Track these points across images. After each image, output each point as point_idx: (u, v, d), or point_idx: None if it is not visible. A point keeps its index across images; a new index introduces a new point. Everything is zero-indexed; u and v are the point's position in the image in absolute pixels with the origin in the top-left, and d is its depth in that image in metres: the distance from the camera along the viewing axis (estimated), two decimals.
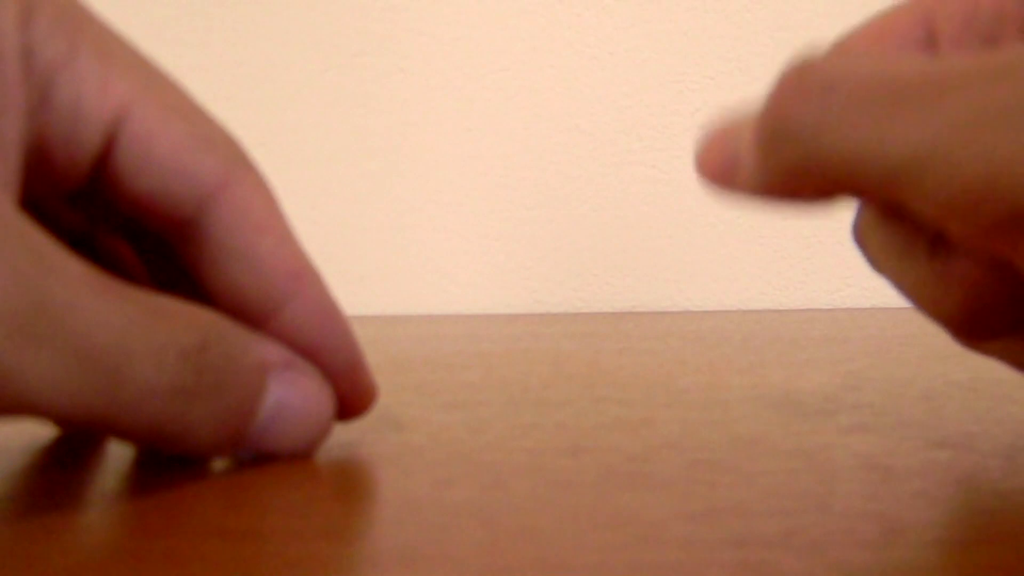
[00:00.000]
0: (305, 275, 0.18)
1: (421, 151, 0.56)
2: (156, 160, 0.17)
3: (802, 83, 0.15)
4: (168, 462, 0.18)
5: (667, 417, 0.22)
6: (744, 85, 0.53)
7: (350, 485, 0.17)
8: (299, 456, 0.18)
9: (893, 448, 0.19)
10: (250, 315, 0.18)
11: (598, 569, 0.12)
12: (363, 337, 0.20)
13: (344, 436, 0.20)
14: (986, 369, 0.27)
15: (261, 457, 0.18)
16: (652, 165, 0.55)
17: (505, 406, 0.24)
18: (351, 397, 0.19)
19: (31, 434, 0.21)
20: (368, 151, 0.57)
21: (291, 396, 0.18)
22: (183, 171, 0.17)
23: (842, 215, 0.25)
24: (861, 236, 0.20)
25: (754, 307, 0.54)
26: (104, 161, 0.17)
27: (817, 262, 0.54)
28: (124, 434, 0.16)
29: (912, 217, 0.16)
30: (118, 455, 0.19)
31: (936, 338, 0.35)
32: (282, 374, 0.18)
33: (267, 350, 0.18)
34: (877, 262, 0.19)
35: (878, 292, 0.53)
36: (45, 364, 0.14)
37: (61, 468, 0.18)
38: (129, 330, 0.15)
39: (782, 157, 0.15)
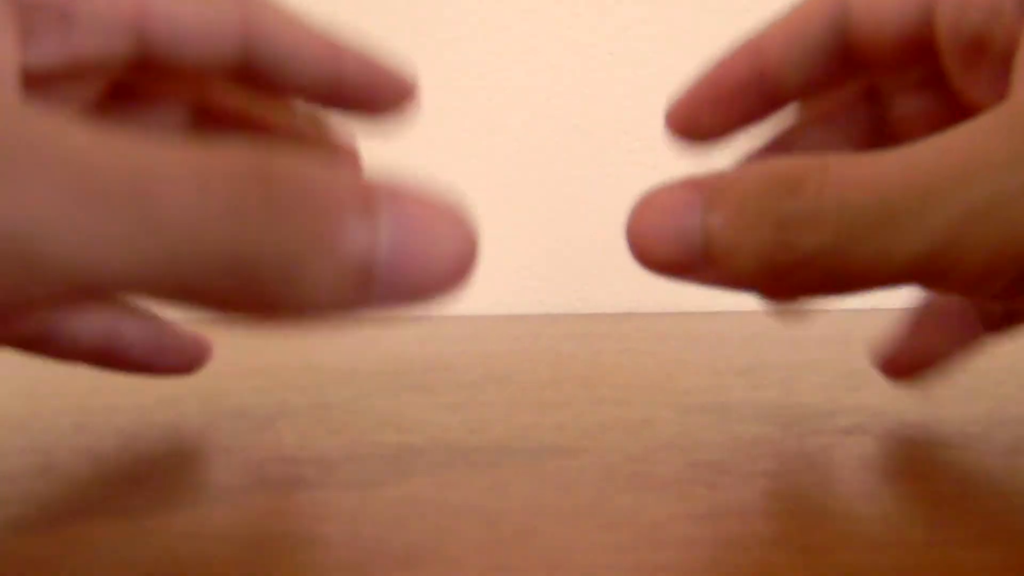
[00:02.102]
0: (337, 43, 0.20)
1: (420, 151, 0.56)
2: (187, 32, 0.18)
3: (807, 208, 0.16)
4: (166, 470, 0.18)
5: (667, 418, 0.22)
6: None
7: (350, 486, 0.17)
8: (445, 295, 0.15)
9: (893, 449, 0.19)
10: (326, 95, 0.20)
11: (598, 569, 0.12)
12: (363, 338, 0.20)
13: (344, 437, 0.20)
14: (986, 370, 0.27)
15: (403, 303, 0.14)
16: (652, 165, 0.55)
17: (505, 407, 0.24)
18: (405, 84, 0.21)
19: (30, 435, 0.21)
20: (367, 151, 0.57)
21: (415, 219, 0.14)
22: (211, 27, 0.19)
23: None
24: None
25: (754, 307, 0.54)
26: (143, 57, 0.18)
27: None
28: (206, 289, 0.13)
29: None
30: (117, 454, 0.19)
31: None
32: (397, 196, 0.14)
33: (365, 179, 0.14)
34: None
35: (878, 292, 0.53)
36: (34, 200, 0.12)
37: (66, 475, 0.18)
38: (147, 158, 0.13)
39: (798, 267, 0.16)
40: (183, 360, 0.23)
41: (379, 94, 0.21)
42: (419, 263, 0.14)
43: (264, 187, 0.13)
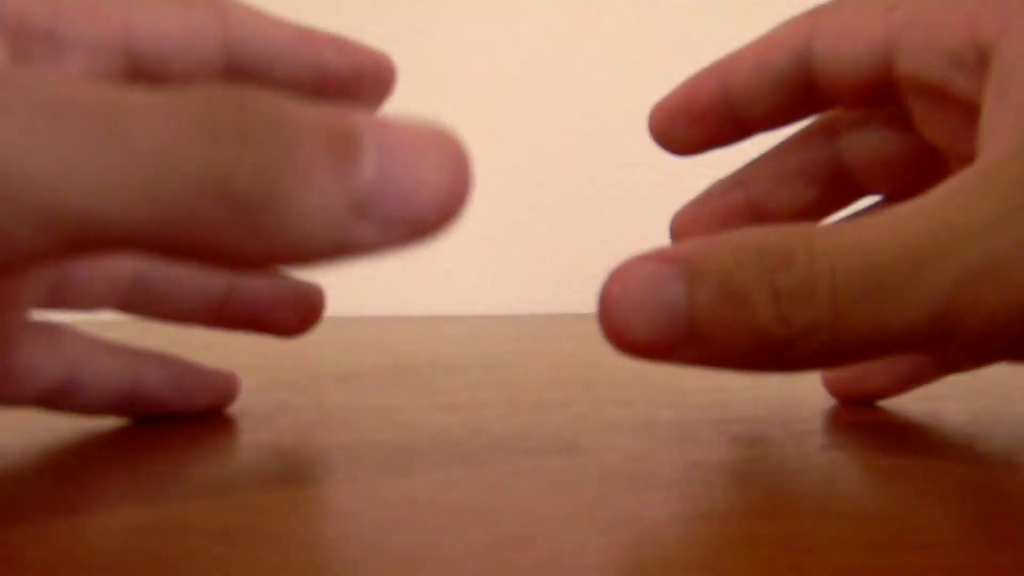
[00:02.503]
0: (308, 31, 0.20)
1: None
2: (171, 44, 0.18)
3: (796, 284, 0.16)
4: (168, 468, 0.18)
5: (667, 417, 0.22)
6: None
7: (350, 486, 0.17)
8: (446, 218, 0.14)
9: (892, 449, 0.19)
10: (311, 91, 0.20)
11: (598, 569, 0.12)
12: (364, 338, 0.20)
13: (344, 437, 0.20)
14: (986, 370, 0.27)
15: (403, 231, 0.14)
16: (652, 165, 0.55)
17: (505, 407, 0.24)
18: (384, 65, 0.21)
19: (31, 436, 0.21)
20: None
21: (400, 144, 0.13)
22: (194, 36, 0.19)
23: (840, 216, 0.25)
24: None
25: None
26: (132, 72, 0.18)
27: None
28: (189, 221, 0.12)
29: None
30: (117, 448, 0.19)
31: None
32: (380, 125, 0.13)
33: (347, 111, 0.14)
34: None
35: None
36: (11, 125, 0.12)
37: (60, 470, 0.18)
38: (114, 91, 0.12)
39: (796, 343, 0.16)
40: (211, 398, 0.23)
41: (361, 78, 0.21)
42: (409, 190, 0.13)
43: (238, 113, 0.13)
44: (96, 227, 0.12)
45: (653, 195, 0.55)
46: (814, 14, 0.21)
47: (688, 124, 0.22)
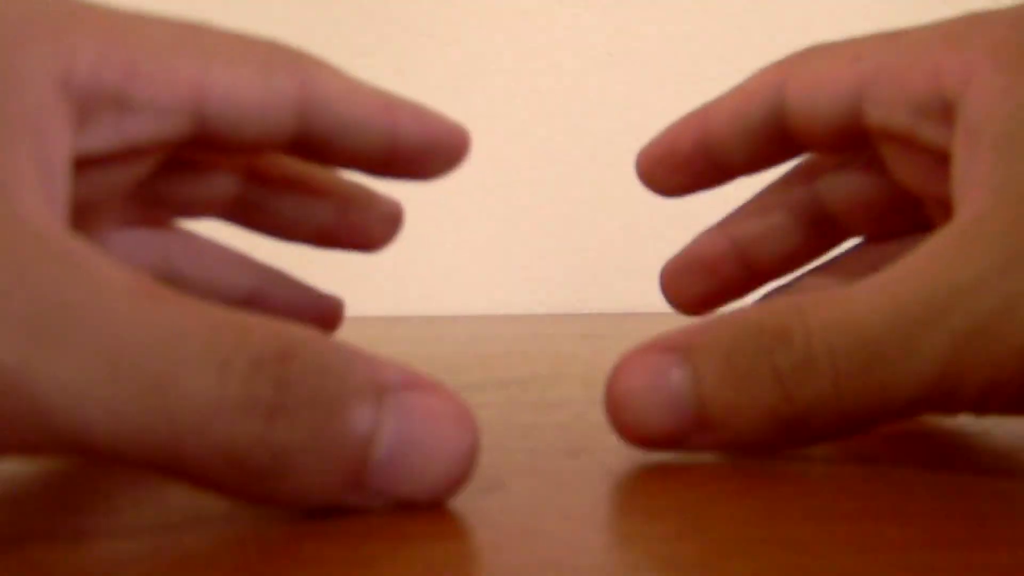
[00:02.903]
0: (392, 102, 0.20)
1: None
2: (246, 108, 0.18)
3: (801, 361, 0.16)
4: None
5: None
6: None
7: None
8: (437, 500, 0.15)
9: (892, 449, 0.19)
10: (382, 161, 0.20)
11: (598, 569, 0.12)
12: (364, 338, 0.20)
13: None
14: None
15: (392, 504, 0.14)
16: None
17: (505, 407, 0.24)
18: (460, 141, 0.21)
19: None
20: None
21: (417, 422, 0.14)
22: (269, 101, 0.18)
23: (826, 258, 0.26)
24: None
25: None
26: (201, 136, 0.18)
27: (816, 262, 0.54)
28: (200, 472, 0.13)
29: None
30: None
31: None
32: (403, 395, 0.14)
33: (380, 368, 0.14)
34: None
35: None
36: (63, 368, 0.12)
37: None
38: (179, 336, 0.13)
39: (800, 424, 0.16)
40: (324, 319, 0.24)
41: (435, 149, 0.21)
42: (414, 469, 0.14)
43: (281, 375, 0.13)
44: (106, 452, 0.13)
45: (653, 195, 0.54)
46: (787, 63, 0.21)
47: (671, 170, 0.23)
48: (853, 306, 0.16)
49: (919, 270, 0.16)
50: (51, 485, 0.17)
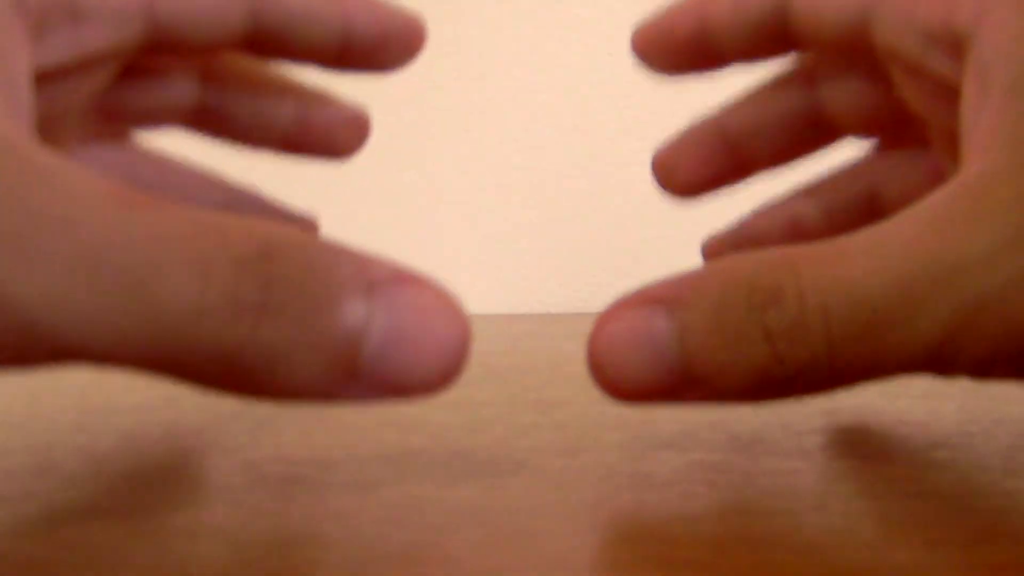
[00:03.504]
0: None
1: (420, 151, 0.56)
2: (195, 8, 0.18)
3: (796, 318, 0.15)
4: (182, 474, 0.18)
5: (667, 417, 0.22)
6: (744, 85, 0.53)
7: (350, 486, 0.17)
8: (431, 391, 0.15)
9: (893, 448, 0.19)
10: (335, 54, 0.20)
11: (598, 569, 0.12)
12: None
13: (344, 437, 0.20)
14: None
15: (386, 397, 0.14)
16: None
17: (505, 406, 0.24)
18: (414, 31, 0.21)
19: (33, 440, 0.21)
20: (367, 151, 0.57)
21: (407, 313, 0.14)
22: (221, 1, 0.19)
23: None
24: None
25: None
26: (155, 42, 0.18)
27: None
28: (189, 373, 0.13)
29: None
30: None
31: None
32: (392, 289, 0.14)
33: (367, 263, 0.14)
34: None
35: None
36: (42, 278, 0.12)
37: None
38: (158, 240, 0.13)
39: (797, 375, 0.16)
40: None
41: (389, 40, 0.21)
42: (407, 358, 0.14)
43: (265, 273, 0.13)
44: (95, 358, 0.13)
45: (653, 195, 0.54)
46: None
47: (666, 51, 0.22)
48: (850, 266, 0.15)
49: (922, 235, 0.15)
50: (55, 486, 0.17)
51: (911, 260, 0.15)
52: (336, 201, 0.57)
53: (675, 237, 0.54)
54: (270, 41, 0.20)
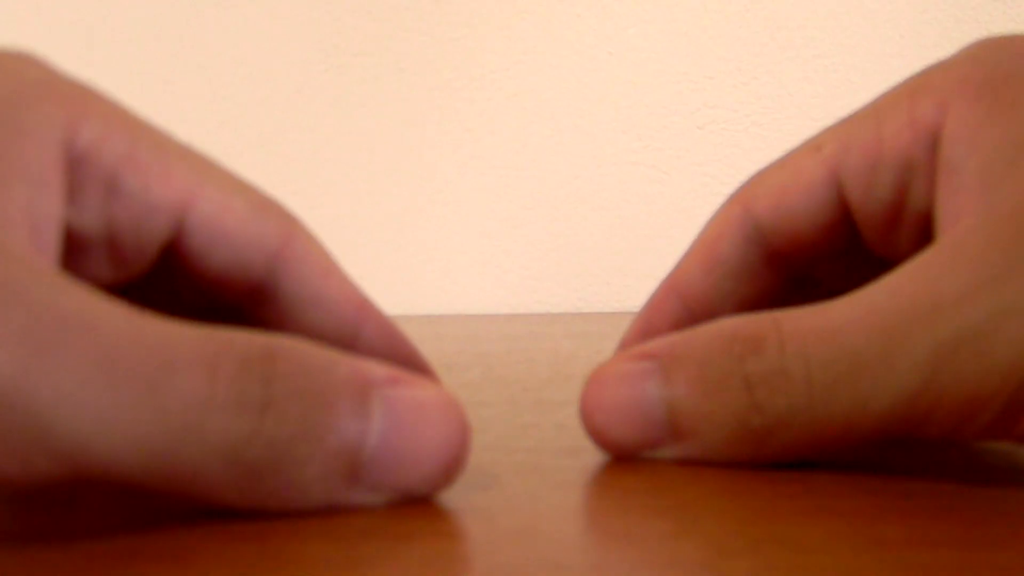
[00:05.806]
0: (367, 304, 0.19)
1: (421, 151, 0.56)
2: (227, 232, 0.18)
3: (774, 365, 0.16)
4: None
5: None
6: (744, 85, 0.53)
7: None
8: (434, 490, 0.15)
9: (892, 449, 0.19)
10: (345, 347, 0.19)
11: (598, 569, 0.12)
12: None
13: None
14: None
15: (391, 497, 0.15)
16: (652, 165, 0.55)
17: (505, 406, 0.24)
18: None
19: None
20: (368, 151, 0.57)
21: (405, 414, 0.14)
22: (251, 237, 0.18)
23: None
24: None
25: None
26: (175, 245, 0.18)
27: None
28: (198, 477, 0.13)
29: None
30: None
31: None
32: (389, 390, 0.15)
33: (363, 366, 0.15)
34: None
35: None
36: (61, 377, 0.12)
37: None
38: (169, 343, 0.13)
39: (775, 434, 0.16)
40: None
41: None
42: (407, 458, 0.15)
43: (268, 372, 0.14)
44: (109, 467, 0.13)
45: (653, 195, 0.55)
46: (741, 192, 0.20)
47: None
48: (830, 317, 0.15)
49: (901, 284, 0.15)
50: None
51: (889, 304, 0.15)
52: (337, 202, 0.57)
53: (675, 237, 0.54)
54: (279, 306, 0.19)
